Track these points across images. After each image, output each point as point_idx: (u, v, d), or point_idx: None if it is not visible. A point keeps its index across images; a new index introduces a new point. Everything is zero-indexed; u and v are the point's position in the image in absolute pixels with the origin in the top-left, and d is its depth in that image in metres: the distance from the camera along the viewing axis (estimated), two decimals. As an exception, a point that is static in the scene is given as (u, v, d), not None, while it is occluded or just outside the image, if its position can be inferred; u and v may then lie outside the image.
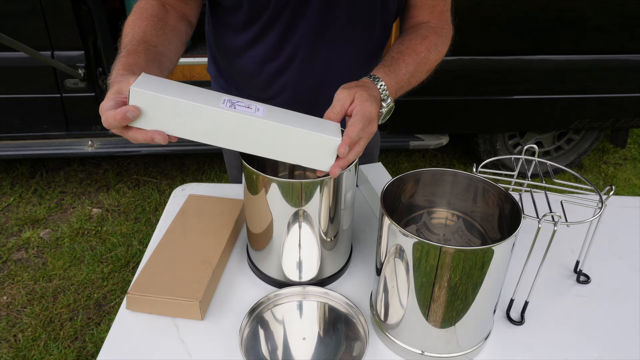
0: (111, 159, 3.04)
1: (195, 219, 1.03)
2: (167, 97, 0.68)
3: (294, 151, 0.76)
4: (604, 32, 2.37)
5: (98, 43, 2.32)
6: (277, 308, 0.88)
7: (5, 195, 2.72)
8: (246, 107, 0.73)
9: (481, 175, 0.82)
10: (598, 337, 0.85)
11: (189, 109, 0.69)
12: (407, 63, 0.93)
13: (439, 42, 0.99)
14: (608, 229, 1.08)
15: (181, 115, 0.69)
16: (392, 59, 0.93)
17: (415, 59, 0.94)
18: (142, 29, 0.86)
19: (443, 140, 2.72)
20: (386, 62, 0.93)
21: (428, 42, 0.97)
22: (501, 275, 0.74)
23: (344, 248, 0.95)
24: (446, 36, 1.02)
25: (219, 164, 3.04)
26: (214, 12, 1.04)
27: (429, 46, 0.97)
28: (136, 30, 0.86)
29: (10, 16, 2.15)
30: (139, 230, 2.50)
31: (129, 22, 0.88)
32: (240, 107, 0.72)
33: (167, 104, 0.68)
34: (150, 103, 0.68)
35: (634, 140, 3.48)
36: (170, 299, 0.84)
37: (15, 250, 2.35)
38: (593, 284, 0.95)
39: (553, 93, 2.53)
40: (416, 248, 0.69)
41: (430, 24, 1.01)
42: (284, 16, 0.94)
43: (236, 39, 1.02)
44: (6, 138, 2.48)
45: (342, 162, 0.77)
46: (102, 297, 2.12)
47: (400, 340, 0.79)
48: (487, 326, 0.81)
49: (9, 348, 1.89)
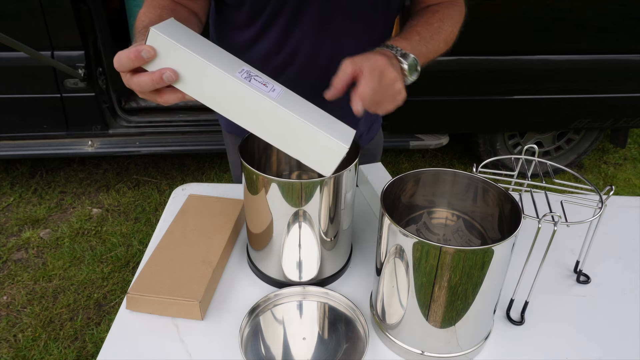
0: (111, 159, 3.04)
1: (195, 219, 1.03)
2: (184, 48, 0.64)
3: (297, 144, 0.71)
4: (604, 32, 2.37)
5: (98, 43, 2.32)
6: (277, 308, 0.88)
7: (5, 195, 2.72)
8: (262, 83, 0.68)
9: (481, 175, 0.82)
10: (598, 337, 0.85)
11: (202, 67, 0.65)
12: (419, 32, 0.92)
13: (452, 14, 0.99)
14: (608, 229, 1.08)
15: (193, 72, 0.66)
16: (402, 32, 0.93)
17: (428, 29, 0.93)
18: (157, 15, 0.85)
19: (443, 140, 2.72)
20: (397, 35, 0.92)
21: (440, 14, 0.97)
22: (501, 275, 0.74)
23: (344, 248, 0.95)
24: (459, 9, 1.01)
25: (218, 164, 3.04)
26: (218, 9, 1.05)
27: (441, 17, 0.96)
28: (151, 16, 0.85)
29: (10, 16, 2.15)
30: (139, 230, 2.50)
31: (142, 12, 0.88)
32: (255, 82, 0.68)
33: (183, 55, 0.64)
34: (166, 49, 0.64)
35: (634, 140, 3.48)
36: (170, 299, 0.84)
37: (15, 250, 2.35)
38: (593, 284, 0.95)
39: (553, 93, 2.53)
40: (416, 248, 0.69)
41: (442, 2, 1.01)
42: (286, 11, 0.94)
43: (240, 35, 1.03)
44: (6, 138, 2.48)
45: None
46: (102, 297, 2.12)
47: (400, 340, 0.79)
48: (487, 326, 0.81)
49: (9, 348, 1.89)
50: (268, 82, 0.70)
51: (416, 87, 0.97)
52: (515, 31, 2.34)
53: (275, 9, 0.94)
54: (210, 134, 2.60)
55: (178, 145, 2.58)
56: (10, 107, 2.37)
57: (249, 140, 0.90)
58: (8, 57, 2.22)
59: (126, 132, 2.54)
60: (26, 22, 2.17)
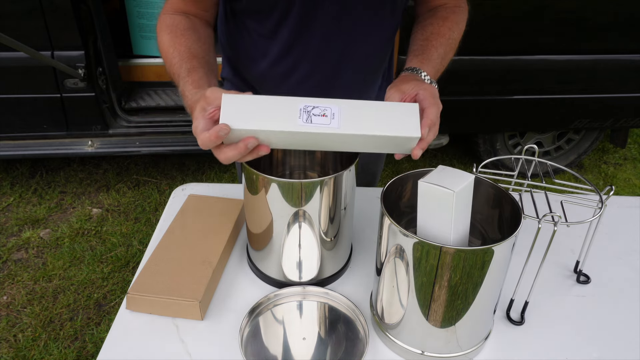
0: (111, 159, 3.03)
1: (195, 219, 1.03)
2: (251, 126, 0.72)
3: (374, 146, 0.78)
4: (604, 32, 2.37)
5: (98, 43, 2.32)
6: (277, 308, 0.88)
7: (5, 195, 2.72)
8: (322, 114, 0.74)
9: (481, 175, 0.82)
10: (598, 337, 0.85)
11: (270, 132, 0.73)
12: (436, 47, 0.94)
13: (459, 20, 1.01)
14: (608, 229, 1.08)
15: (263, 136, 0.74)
16: (420, 47, 0.94)
17: (442, 42, 0.96)
18: (185, 46, 0.89)
19: (443, 140, 2.72)
20: (416, 51, 0.94)
21: (450, 22, 0.98)
22: (501, 275, 0.74)
23: (344, 248, 0.95)
24: (463, 13, 1.04)
25: (219, 164, 3.04)
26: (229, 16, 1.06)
27: (451, 26, 0.98)
28: (180, 49, 0.89)
29: (10, 16, 2.15)
30: (139, 230, 2.50)
31: (167, 42, 0.91)
32: (317, 119, 0.73)
33: (252, 128, 0.72)
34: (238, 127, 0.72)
35: (634, 140, 3.48)
36: (170, 299, 0.84)
37: (15, 250, 2.35)
38: (593, 284, 0.95)
39: (553, 93, 2.53)
40: (416, 248, 0.69)
41: (447, 5, 1.03)
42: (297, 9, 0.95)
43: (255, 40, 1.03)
44: (6, 138, 2.48)
45: (423, 143, 0.77)
46: (102, 297, 2.12)
47: (400, 340, 0.79)
48: (487, 326, 0.81)
49: (9, 348, 1.89)
50: (326, 109, 0.75)
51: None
52: (515, 31, 2.34)
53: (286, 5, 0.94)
54: (210, 134, 2.60)
55: (178, 145, 2.58)
56: (10, 107, 2.37)
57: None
58: (8, 57, 2.22)
59: (126, 132, 2.54)
60: (26, 22, 2.16)
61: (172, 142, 2.58)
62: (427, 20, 1.00)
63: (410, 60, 0.93)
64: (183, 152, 2.62)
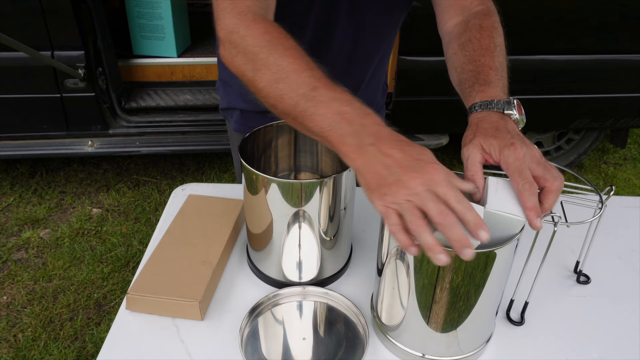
0: (111, 159, 3.03)
1: (195, 219, 1.03)
2: None
3: None
4: (604, 32, 2.36)
5: (98, 43, 2.32)
6: (277, 308, 0.88)
7: (5, 195, 2.72)
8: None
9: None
10: (598, 337, 0.85)
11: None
12: (489, 66, 0.83)
13: (494, 23, 0.92)
14: (608, 229, 1.08)
15: None
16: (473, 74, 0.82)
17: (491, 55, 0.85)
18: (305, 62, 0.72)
19: (443, 140, 2.72)
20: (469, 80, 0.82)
21: (488, 30, 0.88)
22: (503, 277, 0.73)
23: (344, 248, 0.95)
24: (494, 12, 0.96)
25: (219, 164, 3.04)
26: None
27: (491, 33, 0.88)
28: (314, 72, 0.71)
29: (10, 16, 2.15)
30: (139, 230, 2.50)
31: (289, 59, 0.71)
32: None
33: None
34: None
35: (634, 140, 3.48)
36: (170, 299, 0.84)
37: (15, 250, 2.35)
38: (593, 284, 0.95)
39: (553, 93, 2.53)
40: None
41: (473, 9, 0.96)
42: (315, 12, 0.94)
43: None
44: (6, 138, 2.48)
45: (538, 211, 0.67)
46: (102, 297, 2.12)
47: (400, 343, 0.79)
48: (489, 329, 0.81)
49: (9, 348, 1.89)
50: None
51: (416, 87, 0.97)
52: (516, 31, 2.33)
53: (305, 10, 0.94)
54: (210, 134, 2.60)
55: (178, 145, 2.58)
56: (10, 107, 2.37)
57: (249, 140, 0.90)
58: (8, 57, 2.22)
59: (126, 132, 2.54)
60: (26, 22, 2.16)
61: (172, 142, 2.58)
62: (463, 37, 0.89)
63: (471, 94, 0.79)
64: (183, 152, 2.62)
